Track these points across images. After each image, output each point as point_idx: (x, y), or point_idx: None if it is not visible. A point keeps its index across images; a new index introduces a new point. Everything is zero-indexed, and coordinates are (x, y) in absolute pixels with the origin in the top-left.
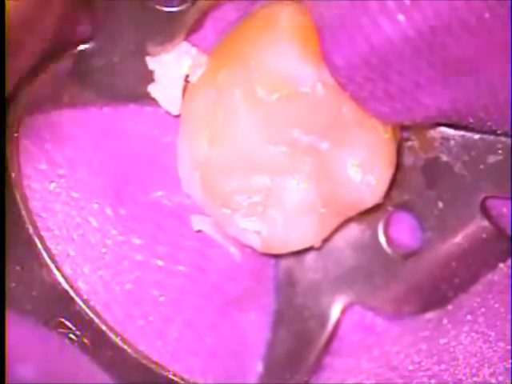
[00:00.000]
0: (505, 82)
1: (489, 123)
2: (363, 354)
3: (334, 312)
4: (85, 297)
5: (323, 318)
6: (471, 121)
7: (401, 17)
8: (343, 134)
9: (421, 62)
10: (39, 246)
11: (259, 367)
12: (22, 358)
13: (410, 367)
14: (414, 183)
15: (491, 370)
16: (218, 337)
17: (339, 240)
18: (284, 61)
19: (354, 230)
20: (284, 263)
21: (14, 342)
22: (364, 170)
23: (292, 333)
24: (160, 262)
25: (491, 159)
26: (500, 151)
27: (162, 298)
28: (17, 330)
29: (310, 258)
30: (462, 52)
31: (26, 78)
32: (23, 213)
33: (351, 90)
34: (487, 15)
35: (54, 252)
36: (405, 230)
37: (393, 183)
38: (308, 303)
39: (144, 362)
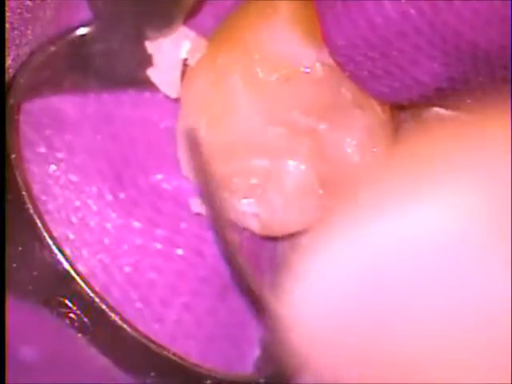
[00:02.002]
0: (503, 60)
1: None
2: None
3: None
4: (85, 277)
5: None
6: (469, 101)
7: None
8: (342, 115)
9: (421, 39)
10: (40, 226)
11: (256, 351)
12: (24, 339)
13: None
14: None
15: None
16: (216, 321)
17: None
18: (283, 42)
19: None
20: (281, 247)
21: (16, 323)
22: (362, 151)
23: None
24: (159, 245)
25: None
26: None
27: (160, 281)
28: (18, 311)
29: (307, 241)
30: (462, 29)
31: (25, 63)
32: (24, 193)
33: (350, 69)
34: None
35: (54, 235)
36: None
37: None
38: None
39: (144, 341)
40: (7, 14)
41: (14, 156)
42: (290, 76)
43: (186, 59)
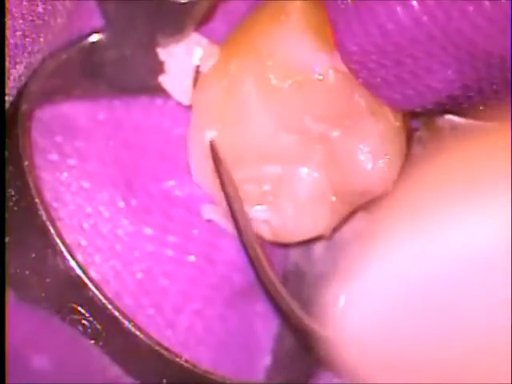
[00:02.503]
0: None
1: (499, 111)
2: None
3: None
4: (97, 284)
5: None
6: (482, 108)
7: (414, 2)
8: (354, 122)
9: (434, 46)
10: (53, 233)
11: (267, 359)
12: (36, 347)
13: None
14: None
15: None
16: (227, 328)
17: (348, 231)
18: (296, 49)
19: (362, 221)
20: (292, 254)
21: (28, 331)
22: (375, 158)
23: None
24: (170, 252)
25: None
26: None
27: (172, 288)
28: (30, 318)
29: (318, 249)
30: (476, 36)
31: (37, 71)
32: (36, 200)
33: (363, 76)
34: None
35: (66, 241)
36: None
37: (401, 173)
38: (316, 295)
39: (156, 348)
40: (20, 21)
41: (26, 163)
42: (302, 83)
43: (198, 66)
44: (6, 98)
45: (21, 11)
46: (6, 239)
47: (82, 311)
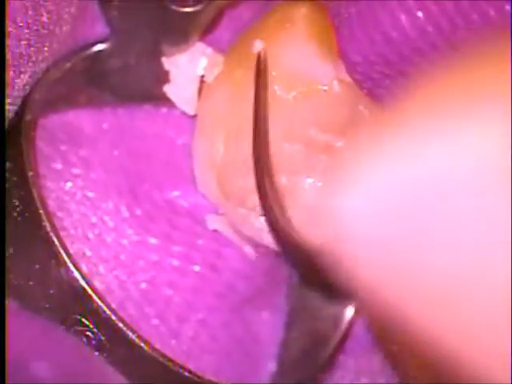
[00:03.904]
0: None
1: None
2: (376, 353)
3: (348, 311)
4: (101, 295)
5: (336, 317)
6: None
7: (420, 13)
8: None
9: (439, 56)
10: (57, 244)
11: (272, 367)
12: (38, 356)
13: None
14: None
15: None
16: (232, 336)
17: None
18: (301, 59)
19: None
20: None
21: (31, 340)
22: None
23: (305, 332)
24: (175, 262)
25: None
26: None
27: (176, 298)
28: (33, 328)
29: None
30: (481, 45)
31: (42, 79)
32: (41, 211)
33: (368, 86)
34: (508, 8)
35: (70, 252)
36: None
37: None
38: (321, 303)
39: (160, 359)
40: (25, 30)
41: (31, 174)
42: (307, 93)
43: (202, 75)
44: (11, 107)
45: (26, 20)
46: (7, 248)
47: (86, 322)
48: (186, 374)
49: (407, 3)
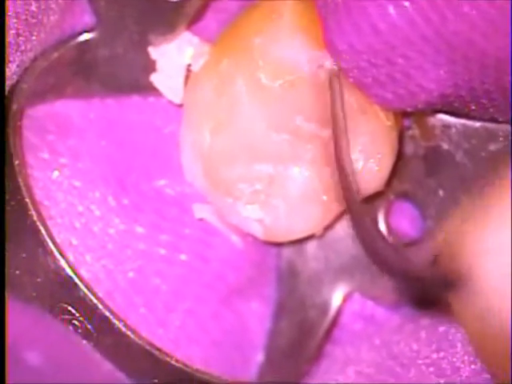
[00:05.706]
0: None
1: (491, 110)
2: (364, 342)
3: (335, 301)
4: (88, 284)
5: (324, 307)
6: (473, 107)
7: (407, 3)
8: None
9: (427, 46)
10: (43, 232)
11: (260, 357)
12: (28, 345)
13: (410, 355)
14: (414, 172)
15: None
16: (220, 326)
17: (340, 229)
18: (287, 48)
19: None
20: (286, 253)
21: (20, 329)
22: (366, 157)
23: (293, 322)
24: (162, 251)
25: (492, 147)
26: (501, 139)
27: (163, 287)
28: (22, 317)
29: (311, 247)
30: (473, 37)
31: (29, 69)
32: (27, 200)
33: (354, 75)
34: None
35: (57, 241)
36: (405, 219)
37: (393, 172)
38: (309, 293)
39: (147, 348)
40: (14, 20)
41: (17, 162)
42: (293, 82)
43: (189, 65)
44: None
45: (15, 10)
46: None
47: (73, 311)
48: (173, 362)
49: None
